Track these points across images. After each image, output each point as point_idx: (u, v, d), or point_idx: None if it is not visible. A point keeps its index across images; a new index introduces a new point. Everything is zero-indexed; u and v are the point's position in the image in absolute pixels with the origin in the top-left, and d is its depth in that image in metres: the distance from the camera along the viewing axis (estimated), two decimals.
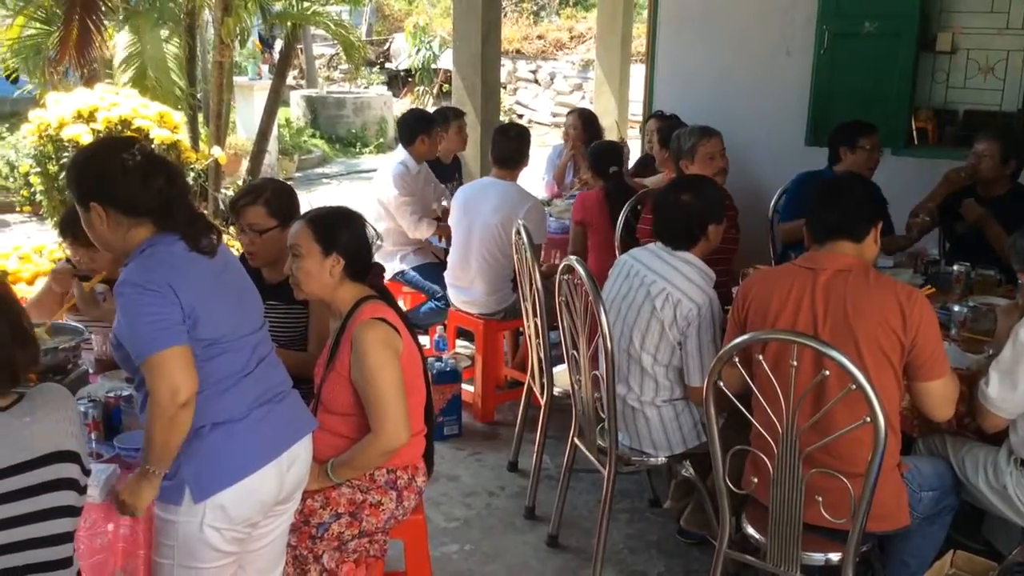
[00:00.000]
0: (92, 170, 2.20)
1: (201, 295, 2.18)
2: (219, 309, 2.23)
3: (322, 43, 18.51)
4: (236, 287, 2.35)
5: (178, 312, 2.12)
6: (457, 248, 4.77)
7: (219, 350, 2.22)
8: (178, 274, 2.15)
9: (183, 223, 2.21)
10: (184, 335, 2.12)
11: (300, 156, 13.07)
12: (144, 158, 2.18)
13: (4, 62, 7.80)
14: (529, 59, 18.27)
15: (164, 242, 2.19)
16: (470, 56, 6.51)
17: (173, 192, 2.20)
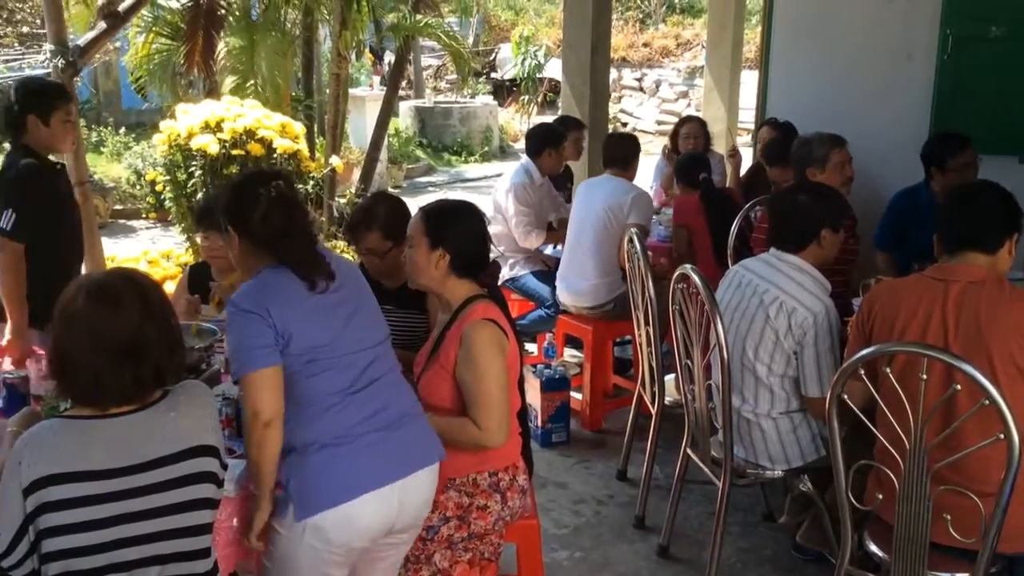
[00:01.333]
0: (234, 198, 2.38)
1: (298, 313, 2.26)
2: (317, 326, 2.29)
3: (429, 55, 18.85)
4: (348, 307, 2.39)
5: (271, 334, 2.23)
6: (570, 237, 4.86)
7: (319, 367, 2.28)
8: (277, 296, 2.27)
9: (296, 261, 2.31)
10: (274, 355, 2.23)
11: (408, 165, 13.33)
12: (277, 195, 2.32)
13: (133, 76, 8.22)
14: (634, 67, 18.20)
15: (275, 270, 2.32)
16: (579, 65, 6.53)
17: (291, 230, 2.32)
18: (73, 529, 1.86)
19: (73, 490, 1.86)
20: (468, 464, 2.66)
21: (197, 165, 5.12)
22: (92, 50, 4.34)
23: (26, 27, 11.67)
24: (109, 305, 1.92)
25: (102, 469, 1.89)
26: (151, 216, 10.18)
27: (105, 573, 1.89)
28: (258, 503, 2.28)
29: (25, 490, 1.85)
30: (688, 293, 3.20)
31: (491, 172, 13.91)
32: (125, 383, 1.92)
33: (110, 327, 1.90)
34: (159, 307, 1.99)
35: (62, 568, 1.88)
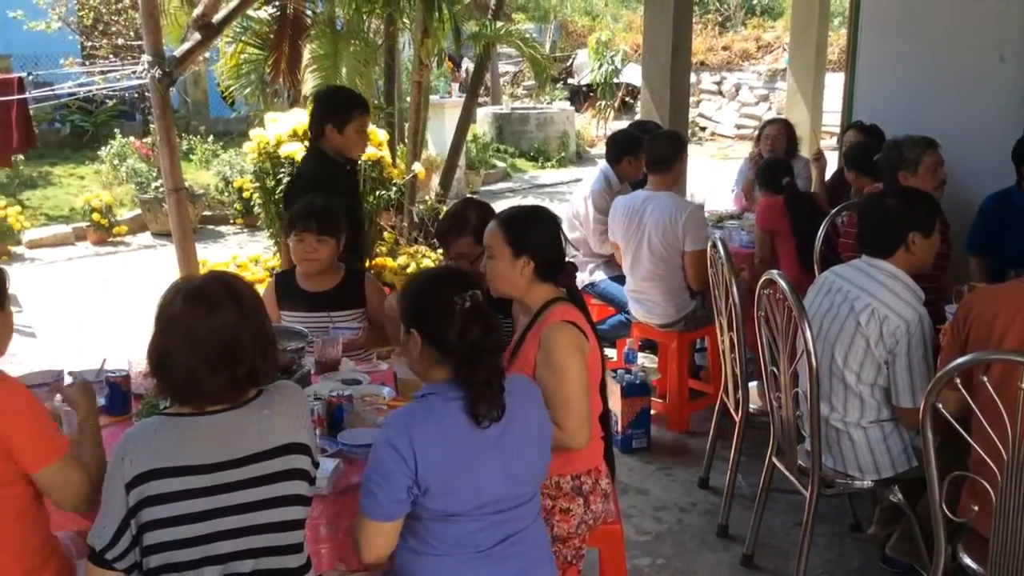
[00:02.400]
0: (424, 301, 2.22)
1: (445, 468, 2.10)
2: (461, 484, 2.12)
3: (506, 61, 18.96)
4: (508, 455, 2.18)
5: (405, 484, 2.07)
6: (628, 262, 4.80)
7: (453, 521, 2.15)
8: (432, 438, 2.10)
9: (480, 382, 2.12)
10: (401, 509, 2.10)
11: (485, 171, 13.42)
12: (472, 306, 2.15)
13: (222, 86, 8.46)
14: (713, 70, 18.00)
15: (445, 396, 2.15)
16: (659, 69, 6.49)
17: (486, 346, 2.15)
18: (172, 522, 1.94)
19: (172, 484, 1.94)
20: (551, 467, 2.66)
21: (285, 172, 5.25)
22: (187, 61, 4.50)
23: (121, 39, 12.12)
24: (205, 308, 1.98)
25: (200, 464, 1.96)
26: (238, 222, 10.46)
27: (202, 565, 1.96)
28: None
29: (128, 485, 1.93)
30: (774, 299, 3.16)
31: (568, 178, 13.91)
32: (221, 384, 1.99)
33: (206, 330, 1.96)
34: (253, 310, 2.05)
35: (162, 560, 1.96)
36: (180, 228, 4.53)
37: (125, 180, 10.58)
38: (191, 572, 1.96)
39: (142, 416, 2.74)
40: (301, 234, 3.47)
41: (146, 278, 8.09)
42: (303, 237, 3.47)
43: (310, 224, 3.46)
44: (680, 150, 4.76)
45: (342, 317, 3.54)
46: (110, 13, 12.39)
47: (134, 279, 8.22)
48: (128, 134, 11.27)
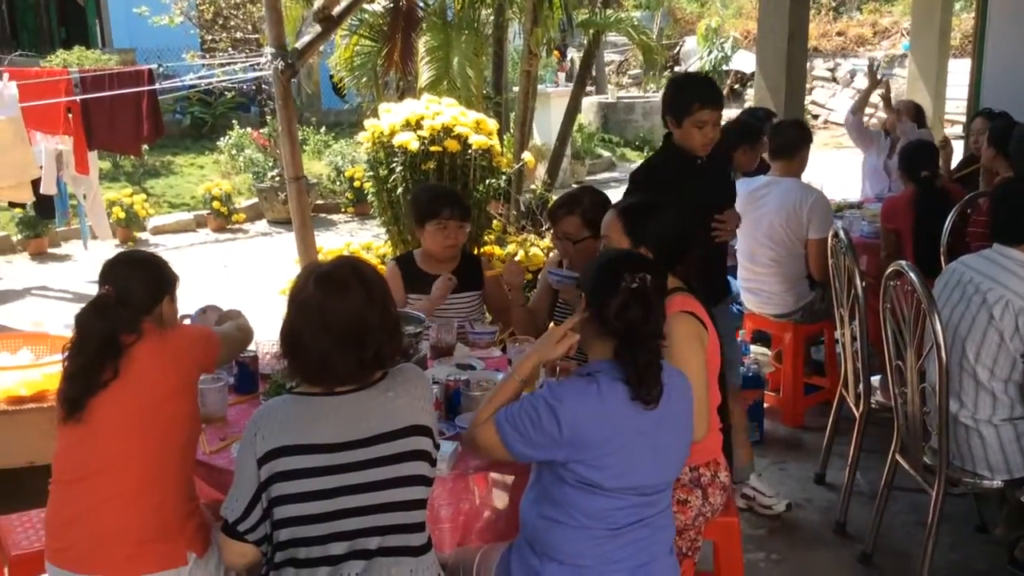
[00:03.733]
0: (598, 273, 2.28)
1: (599, 443, 2.14)
2: (613, 461, 2.16)
3: (611, 50, 18.82)
4: (658, 442, 2.21)
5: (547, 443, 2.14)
6: (744, 251, 4.69)
7: (588, 491, 2.17)
8: (590, 413, 2.14)
9: (643, 364, 2.15)
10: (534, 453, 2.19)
11: (590, 161, 13.38)
12: (638, 288, 2.18)
13: (335, 78, 8.66)
14: (827, 56, 17.50)
15: (611, 376, 2.18)
16: (775, 55, 6.36)
17: (646, 330, 2.17)
18: (301, 498, 2.00)
19: (302, 461, 2.00)
20: None
21: (398, 161, 5.33)
22: (308, 53, 4.61)
23: (239, 32, 12.54)
24: (336, 291, 2.04)
25: (328, 443, 2.02)
26: (349, 210, 10.72)
27: (329, 541, 2.02)
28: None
29: (259, 460, 2.00)
30: (902, 290, 3.06)
31: None
32: (350, 365, 2.04)
33: (337, 312, 2.02)
34: (381, 294, 2.10)
35: (291, 535, 2.03)
36: (300, 215, 4.67)
37: (242, 169, 10.97)
38: (319, 547, 2.02)
39: (269, 395, 2.85)
40: (446, 221, 3.56)
41: (264, 263, 8.39)
42: (446, 224, 3.56)
43: (455, 212, 3.57)
44: (806, 139, 4.65)
45: (461, 299, 3.64)
46: (229, 7, 12.84)
47: (252, 264, 8.53)
48: (245, 125, 11.68)
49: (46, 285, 6.14)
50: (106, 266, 2.50)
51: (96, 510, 2.28)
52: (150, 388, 2.32)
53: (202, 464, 2.57)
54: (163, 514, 2.31)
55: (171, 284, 2.54)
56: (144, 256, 2.60)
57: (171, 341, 2.41)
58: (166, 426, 2.33)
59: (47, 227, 8.72)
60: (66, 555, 2.31)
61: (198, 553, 2.34)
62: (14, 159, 4.59)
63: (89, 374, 2.27)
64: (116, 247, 8.93)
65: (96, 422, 2.28)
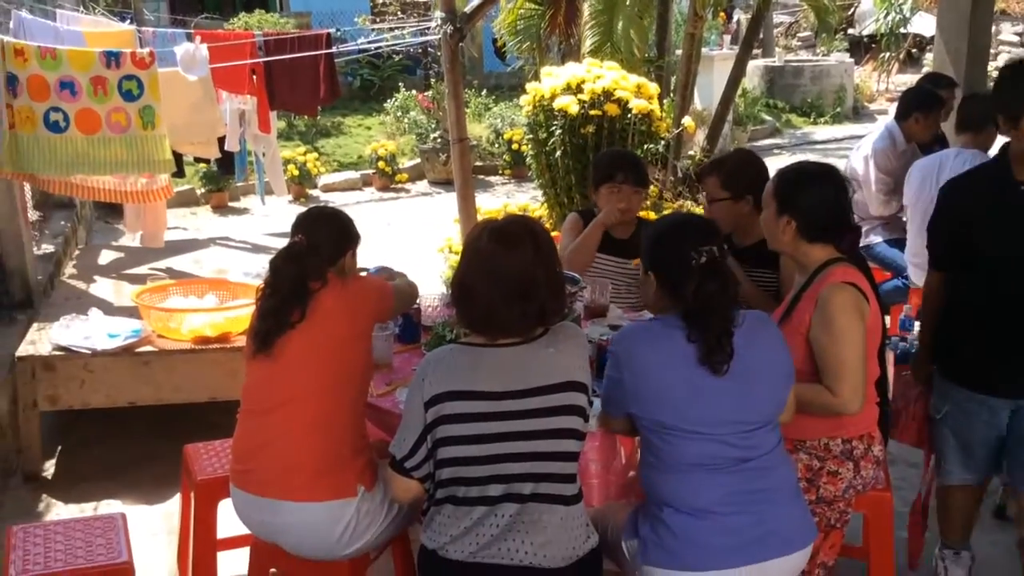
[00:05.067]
0: (663, 250, 2.34)
1: (659, 382, 2.23)
2: (679, 399, 2.22)
3: (780, 11, 18.15)
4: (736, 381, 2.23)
5: (620, 391, 2.29)
6: (918, 224, 4.50)
7: (673, 437, 2.24)
8: (645, 354, 2.26)
9: (713, 336, 2.20)
10: (621, 408, 2.33)
11: (752, 127, 13.03)
12: (708, 260, 2.22)
13: (500, 41, 8.78)
14: (1016, 20, 16.28)
15: (667, 323, 2.27)
16: (957, 19, 6.00)
17: (720, 302, 2.21)
18: (463, 441, 2.14)
19: (465, 407, 2.13)
20: (821, 428, 2.64)
21: (557, 124, 5.41)
22: (476, 16, 4.74)
23: None
24: (508, 246, 2.16)
25: (490, 391, 2.14)
26: (506, 172, 10.88)
27: (488, 483, 2.15)
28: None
29: (426, 403, 2.15)
30: None
31: (841, 134, 13.21)
32: (513, 316, 2.15)
33: (506, 266, 2.14)
34: (548, 253, 2.21)
35: (452, 474, 2.17)
36: (462, 176, 4.83)
37: (407, 131, 11.30)
38: (477, 488, 2.16)
39: (430, 346, 3.01)
40: (620, 184, 3.61)
41: (424, 222, 8.68)
42: (621, 188, 3.62)
43: (628, 175, 3.61)
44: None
45: (623, 264, 3.72)
46: None
47: (414, 223, 8.84)
48: (410, 88, 12.00)
49: (228, 236, 6.59)
50: (300, 217, 2.72)
51: (280, 440, 2.50)
52: (331, 331, 2.52)
53: (370, 406, 2.76)
54: (337, 448, 2.51)
55: (355, 239, 2.74)
56: (333, 212, 2.81)
57: (352, 290, 2.61)
58: (343, 368, 2.53)
59: (228, 182, 9.29)
60: (250, 478, 2.55)
61: (367, 487, 2.53)
62: (205, 117, 4.95)
63: (280, 314, 2.49)
64: (289, 203, 9.45)
65: (283, 359, 2.49)
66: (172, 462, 3.43)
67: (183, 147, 5.40)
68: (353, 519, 2.51)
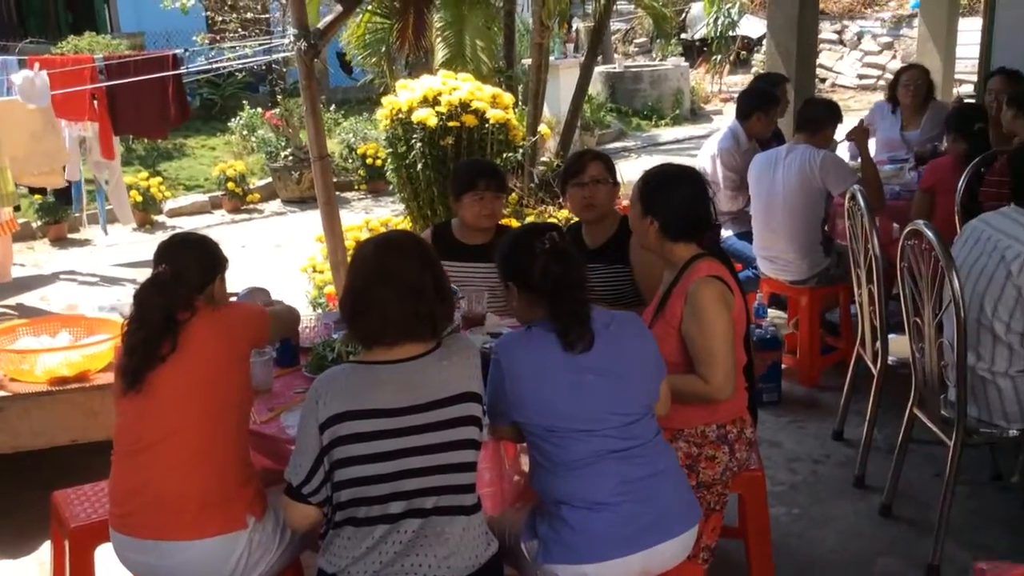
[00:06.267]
0: (511, 252, 2.46)
1: (537, 386, 2.31)
2: (559, 402, 2.30)
3: (616, 19, 18.74)
4: (604, 375, 2.33)
5: (505, 398, 2.34)
6: (759, 218, 4.79)
7: (558, 438, 2.31)
8: (522, 359, 2.34)
9: (566, 312, 2.32)
10: (506, 417, 2.38)
11: (599, 131, 13.40)
12: (551, 246, 2.35)
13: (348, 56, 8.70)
14: (834, 19, 17.42)
15: (544, 327, 2.35)
16: (786, 20, 6.40)
17: (568, 281, 2.33)
18: (363, 460, 2.12)
19: (363, 426, 2.12)
20: (697, 416, 2.76)
21: (416, 137, 5.43)
22: (330, 32, 4.68)
23: (249, 12, 12.55)
24: (396, 250, 2.21)
25: (388, 408, 2.13)
26: (362, 188, 10.78)
27: (388, 500, 2.14)
28: None
29: (321, 425, 2.12)
30: (919, 249, 3.15)
31: (683, 135, 13.77)
32: (408, 316, 2.17)
33: (397, 267, 2.18)
34: (434, 262, 2.25)
35: (352, 495, 2.15)
36: (325, 193, 4.76)
37: (255, 150, 11.03)
38: (379, 506, 2.14)
39: (312, 367, 2.97)
40: (483, 192, 3.65)
41: (281, 243, 8.50)
42: (484, 195, 3.65)
43: (491, 183, 3.66)
44: (835, 120, 4.76)
45: (490, 269, 3.69)
46: None
47: (271, 244, 8.64)
48: (255, 105, 11.72)
49: (74, 269, 6.27)
50: (162, 246, 2.63)
51: (160, 478, 2.41)
52: (206, 361, 2.44)
53: (254, 433, 2.68)
54: (222, 480, 2.44)
55: (223, 265, 2.67)
56: (198, 238, 2.72)
57: (224, 318, 2.54)
58: (221, 397, 2.46)
59: (66, 213, 8.82)
60: (131, 521, 2.44)
61: (257, 517, 2.47)
62: (47, 147, 4.71)
63: (149, 348, 2.40)
64: (134, 231, 9.07)
65: (156, 394, 2.41)
66: (40, 509, 3.25)
67: (25, 179, 5.11)
68: (245, 552, 2.44)
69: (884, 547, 3.43)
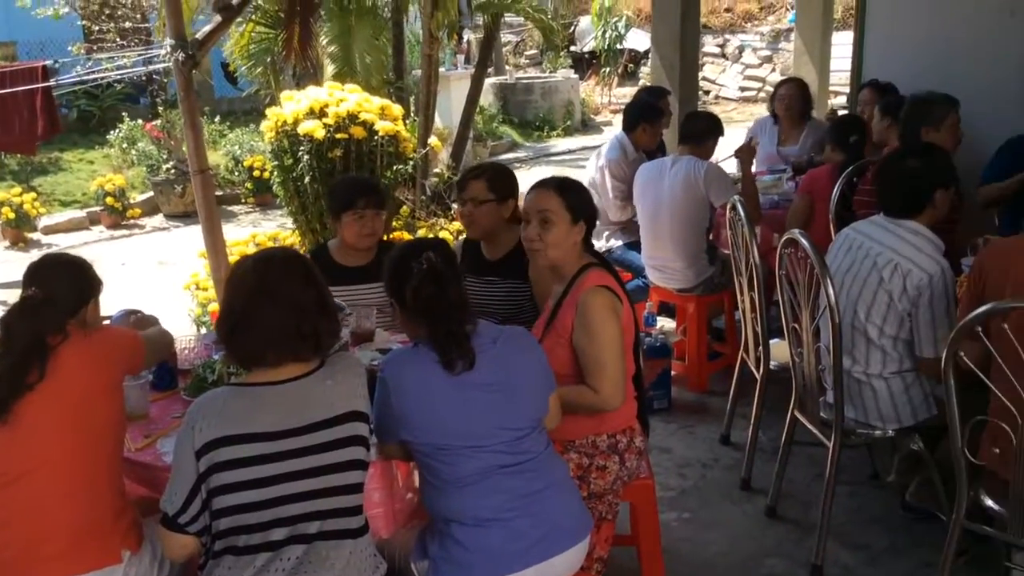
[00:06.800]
0: (392, 271, 2.40)
1: (420, 404, 2.27)
2: (447, 420, 2.27)
3: (507, 30, 18.89)
4: (491, 391, 2.31)
5: (393, 416, 2.30)
6: (647, 227, 4.88)
7: (448, 455, 2.28)
8: (406, 377, 2.30)
9: (442, 333, 2.29)
10: (392, 437, 2.34)
11: (492, 142, 13.46)
12: (427, 267, 2.31)
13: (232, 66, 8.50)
14: (716, 33, 17.95)
15: (428, 346, 2.31)
16: (669, 34, 6.54)
17: (440, 302, 2.30)
18: (242, 487, 2.04)
19: (242, 451, 2.04)
20: (587, 427, 2.77)
21: (303, 150, 5.32)
22: (209, 42, 4.54)
23: (128, 22, 12.12)
24: (277, 267, 2.14)
25: (268, 431, 2.06)
26: (249, 201, 10.54)
27: (271, 527, 2.07)
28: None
29: (197, 452, 2.04)
30: (796, 258, 3.25)
31: (575, 146, 13.95)
32: (289, 336, 2.10)
33: (278, 284, 2.11)
34: (317, 279, 2.19)
35: (232, 523, 2.07)
36: (206, 208, 4.61)
37: (136, 163, 10.65)
38: (260, 534, 2.07)
39: (191, 390, 2.86)
40: (362, 211, 3.55)
41: (164, 259, 8.22)
42: (364, 214, 3.56)
43: (370, 201, 3.57)
44: (716, 133, 4.86)
45: (380, 288, 3.60)
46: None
47: (153, 260, 8.34)
48: (135, 117, 11.33)
49: None
50: (31, 268, 2.49)
51: (27, 512, 2.27)
52: (77, 389, 2.32)
53: (128, 461, 2.57)
54: (95, 513, 2.32)
55: (97, 287, 2.55)
56: (70, 259, 2.59)
57: (97, 343, 2.42)
58: (93, 426, 2.34)
59: None
60: None
61: (132, 549, 2.36)
62: None
63: (15, 376, 2.26)
64: (6, 249, 8.63)
65: (23, 425, 2.27)
66: None
67: None
68: None
69: (771, 548, 3.51)
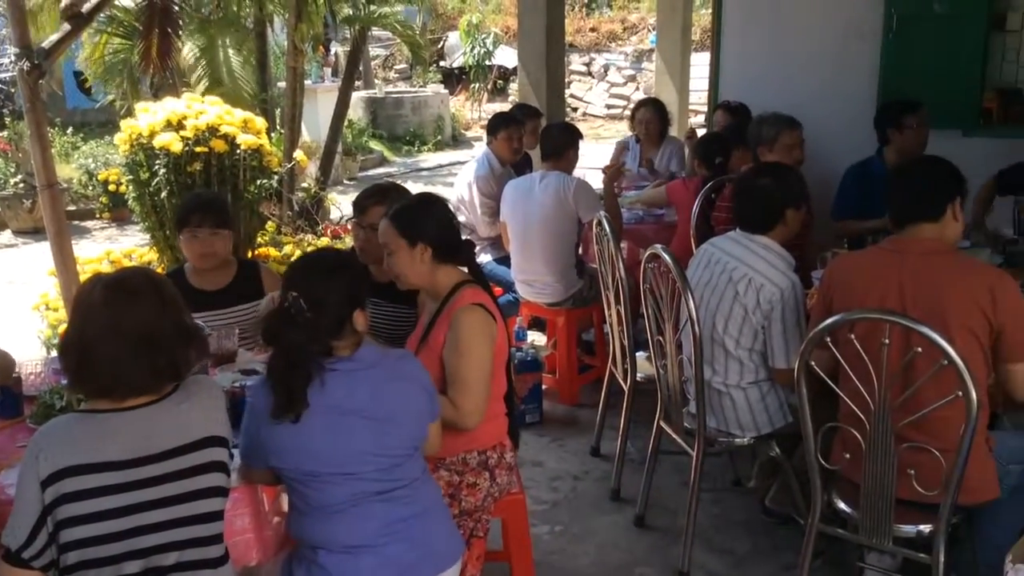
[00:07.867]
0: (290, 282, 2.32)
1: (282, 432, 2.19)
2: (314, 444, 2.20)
3: (376, 44, 18.79)
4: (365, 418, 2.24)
5: (258, 441, 2.23)
6: (516, 242, 4.92)
7: (318, 483, 2.23)
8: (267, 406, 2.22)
9: (277, 372, 2.22)
10: (262, 461, 2.25)
11: (361, 157, 13.32)
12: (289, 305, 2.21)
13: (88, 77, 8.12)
14: (582, 52, 18.35)
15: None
16: (534, 52, 6.64)
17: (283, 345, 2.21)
18: (91, 519, 1.93)
19: (90, 481, 1.93)
20: (458, 445, 2.76)
21: (160, 163, 5.11)
22: (57, 52, 4.31)
23: None
24: (127, 297, 1.99)
25: (118, 460, 1.96)
26: (105, 216, 10.07)
27: (122, 560, 1.96)
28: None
29: (43, 483, 1.91)
30: (659, 272, 3.34)
31: (445, 161, 13.97)
32: (143, 372, 1.99)
33: (128, 317, 1.97)
34: (173, 301, 2.07)
35: (80, 557, 1.95)
36: (55, 224, 4.38)
37: None
38: (111, 568, 1.96)
39: (38, 417, 2.69)
40: (195, 229, 3.34)
41: (12, 278, 7.75)
42: (197, 233, 3.34)
43: (205, 218, 3.34)
44: (574, 140, 4.93)
45: (243, 311, 3.46)
46: None
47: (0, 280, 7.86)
48: None
49: None
50: None
51: None
52: None
53: None
54: None
55: None
56: None
57: None
58: None
59: None
60: None
61: None
62: None
63: None
64: None
65: None
66: None
67: None
68: None
69: (641, 556, 3.58)
